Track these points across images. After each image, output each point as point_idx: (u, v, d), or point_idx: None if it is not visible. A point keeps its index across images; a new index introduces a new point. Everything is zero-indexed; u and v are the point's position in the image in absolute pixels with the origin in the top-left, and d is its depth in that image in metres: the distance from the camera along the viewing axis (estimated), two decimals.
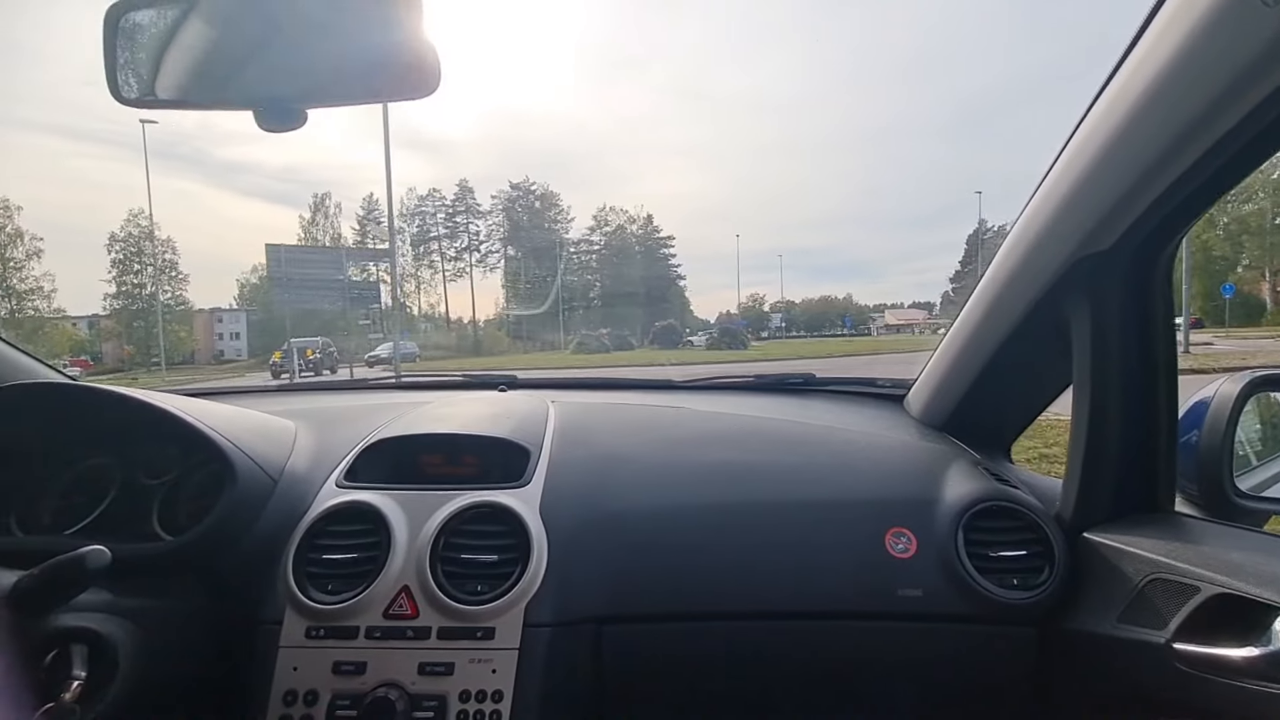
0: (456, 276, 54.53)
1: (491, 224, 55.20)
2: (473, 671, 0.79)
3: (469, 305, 55.84)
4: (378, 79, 0.62)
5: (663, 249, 59.88)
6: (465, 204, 54.42)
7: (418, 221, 53.47)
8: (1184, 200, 0.71)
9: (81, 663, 0.66)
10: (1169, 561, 0.73)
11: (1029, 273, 0.88)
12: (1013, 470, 1.10)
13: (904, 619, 0.88)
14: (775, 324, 64.53)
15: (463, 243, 54.94)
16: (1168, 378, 0.84)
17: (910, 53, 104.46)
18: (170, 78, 0.65)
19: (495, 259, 55.64)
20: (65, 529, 0.91)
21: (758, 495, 0.98)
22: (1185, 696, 0.67)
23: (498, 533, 0.88)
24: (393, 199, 11.10)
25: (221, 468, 0.87)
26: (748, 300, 70.52)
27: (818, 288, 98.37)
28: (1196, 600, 0.68)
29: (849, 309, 76.72)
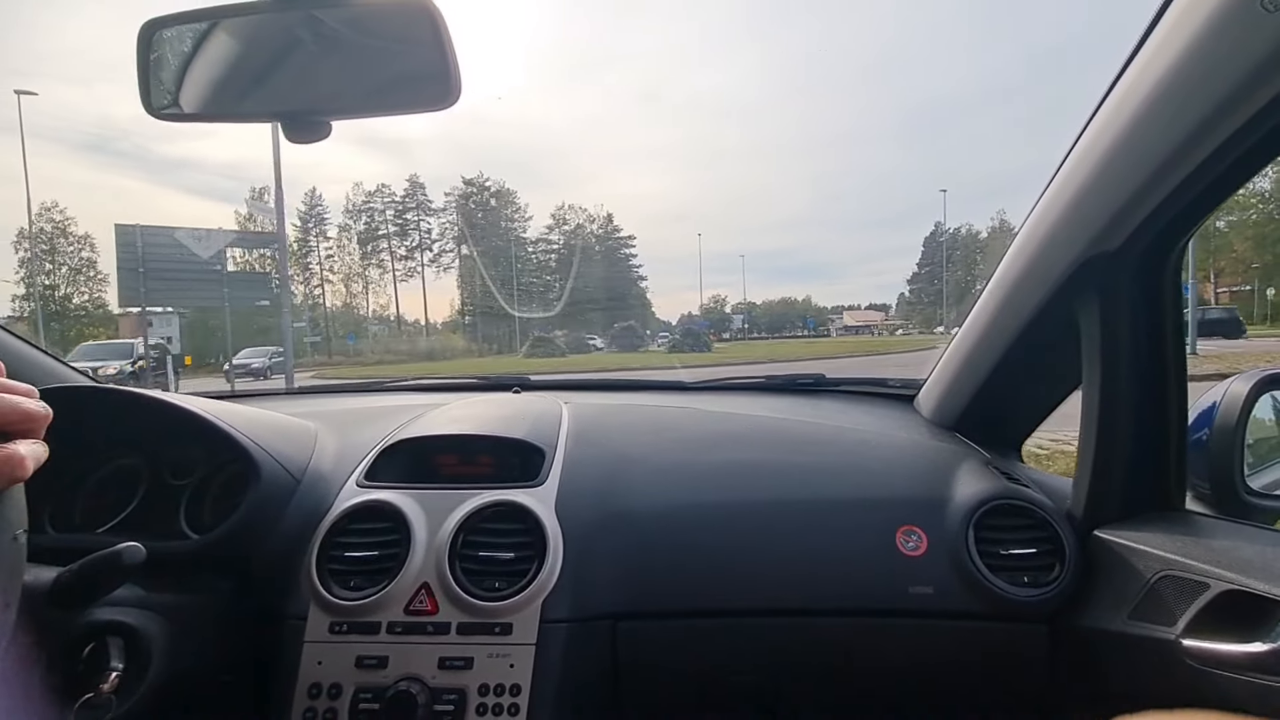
0: (408, 276, 52.17)
1: (445, 222, 53.02)
2: (491, 666, 0.81)
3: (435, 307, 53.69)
4: (401, 92, 0.64)
5: (624, 249, 58.57)
6: (416, 200, 52.01)
7: (365, 219, 50.95)
8: (1193, 200, 0.72)
9: (118, 655, 0.69)
10: (1179, 559, 0.73)
11: (1038, 273, 0.88)
12: (1023, 469, 1.10)
13: (915, 616, 0.88)
14: (737, 325, 64.16)
15: (414, 241, 52.55)
16: (1178, 376, 0.84)
17: (870, 58, 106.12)
18: (199, 92, 0.68)
19: (450, 258, 53.46)
20: (96, 527, 0.93)
21: (770, 494, 0.99)
22: (1194, 692, 0.67)
23: (514, 531, 0.89)
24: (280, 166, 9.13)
25: (246, 468, 0.90)
26: (709, 301, 70.23)
27: (778, 289, 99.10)
28: (1206, 597, 0.69)
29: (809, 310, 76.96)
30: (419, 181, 51.94)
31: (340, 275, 48.20)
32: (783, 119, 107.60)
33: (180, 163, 76.86)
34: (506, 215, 53.61)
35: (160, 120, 0.68)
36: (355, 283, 48.61)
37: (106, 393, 0.96)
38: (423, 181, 52.07)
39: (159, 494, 0.97)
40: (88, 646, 0.69)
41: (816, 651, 0.91)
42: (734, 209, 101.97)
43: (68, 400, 0.91)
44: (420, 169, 53.46)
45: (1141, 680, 0.75)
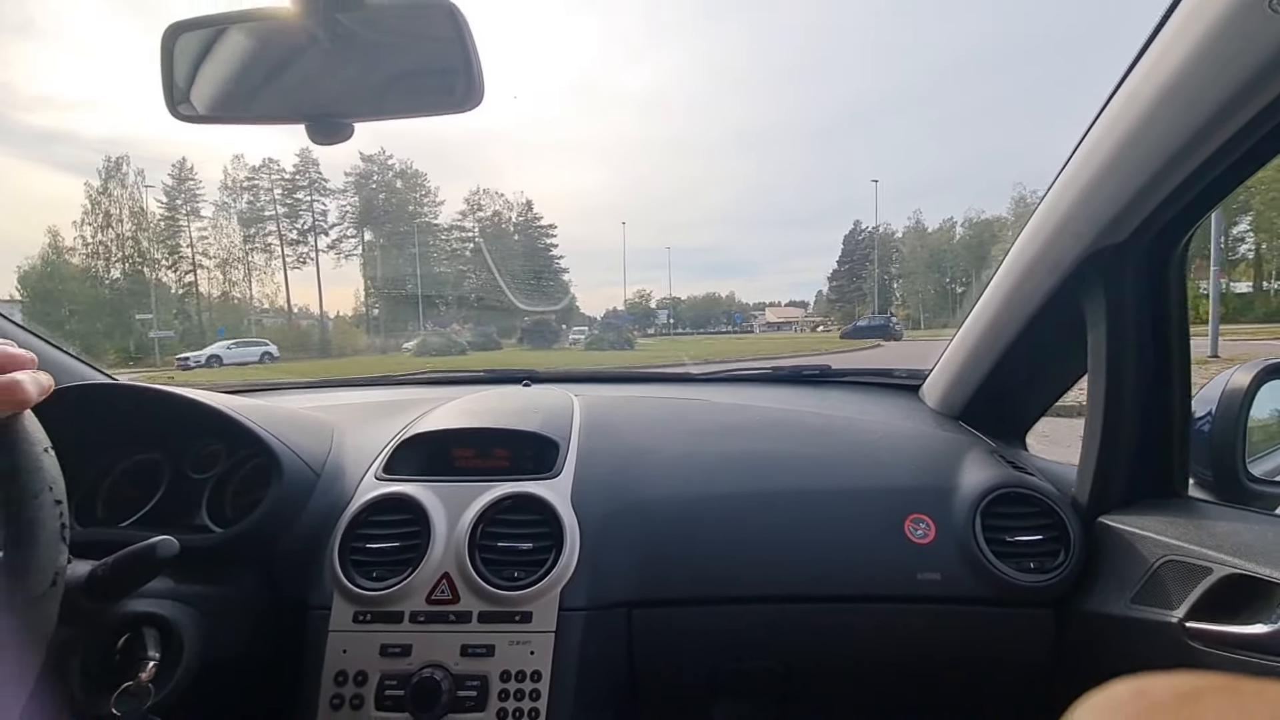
0: (300, 263, 46.61)
1: (346, 205, 47.85)
2: (512, 653, 0.83)
3: (338, 297, 48.24)
4: (423, 93, 0.65)
5: (544, 238, 55.14)
6: (308, 178, 45.60)
7: (248, 197, 44.41)
8: (1200, 193, 0.73)
9: (155, 645, 0.71)
10: (1182, 544, 0.75)
11: (1046, 264, 0.90)
12: (1028, 457, 1.11)
13: (924, 601, 0.90)
14: (662, 320, 62.67)
15: (306, 223, 46.33)
16: (1181, 366, 0.85)
17: (789, 62, 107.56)
18: (222, 95, 0.68)
19: (353, 244, 48.35)
20: (119, 522, 0.95)
21: (780, 484, 1.00)
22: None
23: (531, 522, 0.91)
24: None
25: (268, 462, 0.91)
26: (635, 296, 68.51)
27: (703, 285, 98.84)
28: (1209, 581, 0.70)
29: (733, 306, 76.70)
30: (311, 157, 45.89)
31: (216, 260, 42.23)
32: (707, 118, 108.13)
33: (52, 135, 66.74)
34: (415, 199, 48.96)
35: (182, 122, 0.69)
36: (235, 269, 42.77)
37: (127, 389, 0.97)
38: (315, 157, 46.49)
39: (181, 488, 0.98)
40: (123, 637, 0.71)
41: (827, 637, 0.93)
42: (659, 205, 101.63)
43: (87, 397, 0.92)
44: (319, 150, 48.61)
45: (1145, 662, 0.76)
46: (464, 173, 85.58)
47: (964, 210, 79.13)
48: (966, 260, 54.76)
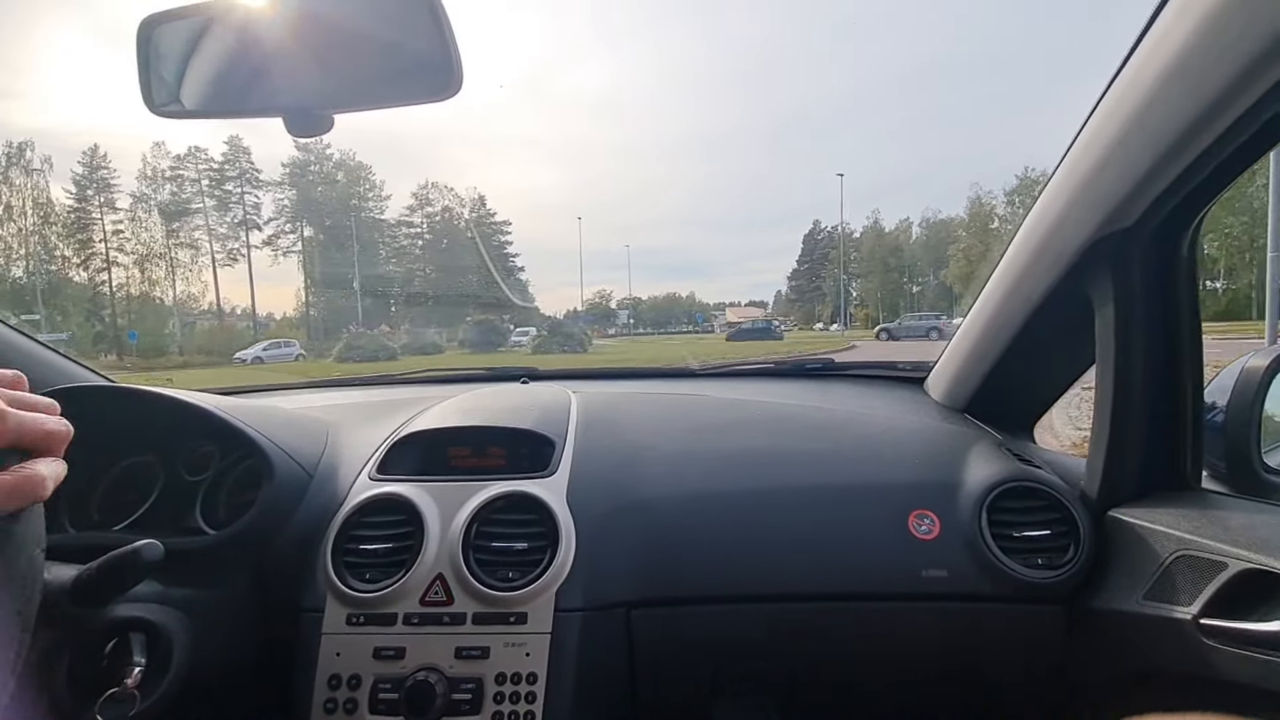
0: (231, 260, 43.33)
1: (283, 197, 44.78)
2: (507, 655, 0.81)
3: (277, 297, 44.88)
4: (402, 83, 0.64)
5: (498, 235, 53.14)
6: (239, 168, 42.44)
7: (171, 188, 40.56)
8: (1209, 175, 0.70)
9: (141, 650, 0.70)
10: (1195, 538, 0.73)
11: (1050, 252, 0.87)
12: (1036, 450, 1.09)
13: (929, 599, 0.88)
14: (622, 320, 61.46)
15: (236, 217, 43.08)
16: (1193, 354, 0.83)
17: (747, 66, 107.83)
18: (199, 88, 0.67)
19: (292, 240, 45.24)
20: (113, 524, 0.94)
21: (781, 481, 0.98)
22: (1212, 671, 0.67)
23: (526, 521, 0.89)
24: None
25: (260, 463, 0.90)
26: (595, 296, 67.17)
27: (663, 285, 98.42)
28: (1224, 576, 0.68)
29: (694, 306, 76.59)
30: (241, 145, 42.66)
31: (134, 256, 38.57)
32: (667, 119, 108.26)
33: None
34: (359, 193, 46.21)
35: (162, 118, 0.68)
36: (155, 265, 39.13)
37: (120, 391, 0.96)
38: (247, 146, 43.20)
39: (174, 490, 0.97)
40: (110, 643, 0.70)
41: (831, 636, 0.91)
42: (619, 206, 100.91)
43: (82, 399, 0.89)
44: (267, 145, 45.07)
45: (1158, 660, 0.74)
46: (414, 167, 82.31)
47: (920, 210, 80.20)
48: (923, 260, 55.22)
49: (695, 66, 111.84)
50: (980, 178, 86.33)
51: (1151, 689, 0.77)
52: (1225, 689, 0.66)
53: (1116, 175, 0.73)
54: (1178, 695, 0.74)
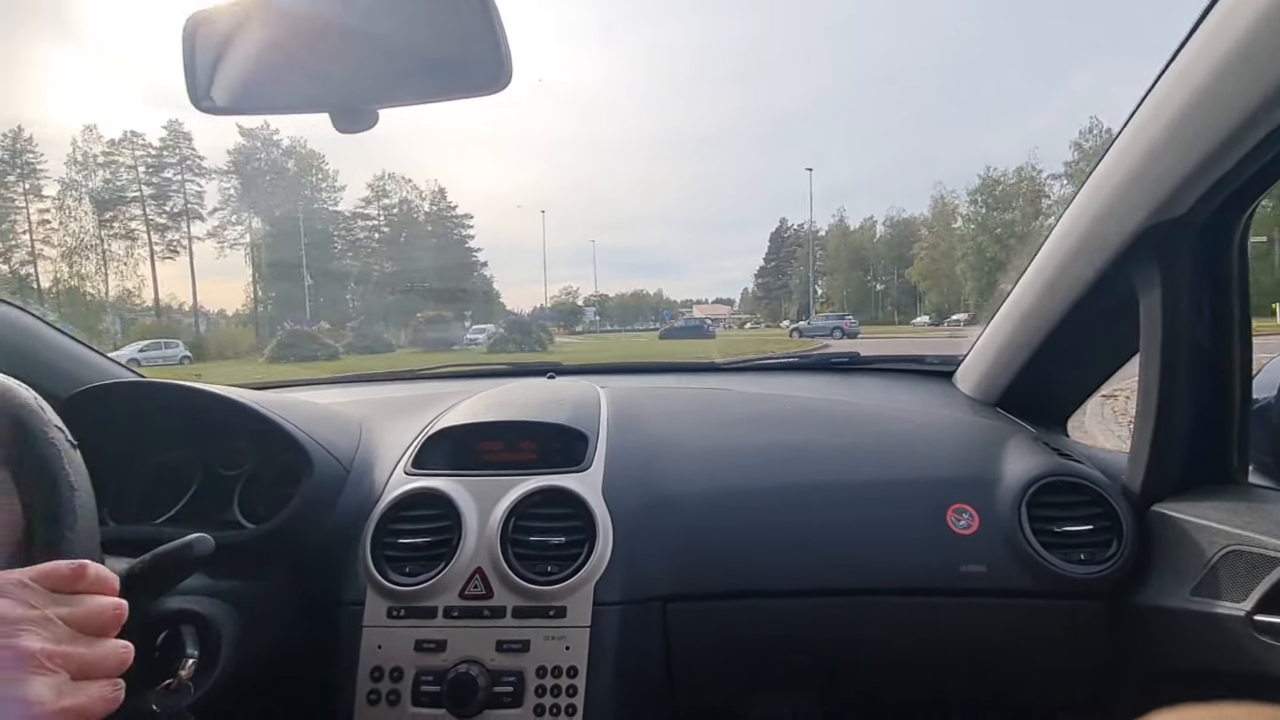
0: (172, 253, 40.74)
1: (229, 186, 42.28)
2: (548, 648, 0.82)
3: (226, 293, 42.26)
4: (450, 76, 0.63)
5: (459, 229, 51.19)
6: (178, 154, 39.12)
7: (104, 174, 37.20)
8: (1265, 165, 0.69)
9: (193, 642, 0.71)
10: (1245, 533, 0.71)
11: (1096, 242, 0.86)
12: (1072, 444, 1.08)
13: (968, 594, 0.87)
14: (589, 318, 60.62)
15: (176, 206, 39.84)
16: (1242, 345, 0.81)
17: (722, 65, 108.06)
18: (244, 85, 0.67)
19: (240, 232, 42.81)
20: (153, 518, 0.95)
21: (814, 476, 0.98)
22: (1266, 668, 0.66)
23: (563, 515, 0.89)
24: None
25: (297, 458, 0.90)
26: (561, 293, 66.13)
27: (631, 283, 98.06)
28: (1278, 572, 0.66)
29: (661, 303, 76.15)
30: (182, 130, 39.72)
31: (61, 248, 35.77)
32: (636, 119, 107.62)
33: None
34: (311, 183, 44.04)
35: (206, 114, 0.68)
36: (85, 258, 36.40)
37: (156, 386, 0.96)
38: (188, 130, 40.40)
39: (212, 485, 0.98)
40: (161, 635, 0.70)
41: (868, 631, 0.90)
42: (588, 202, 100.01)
43: (117, 396, 0.91)
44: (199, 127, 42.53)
45: (1206, 657, 0.73)
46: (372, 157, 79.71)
47: (885, 209, 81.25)
48: (887, 258, 55.67)
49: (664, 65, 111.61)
50: (944, 177, 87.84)
51: (1199, 686, 0.75)
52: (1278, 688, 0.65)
53: (1169, 164, 0.72)
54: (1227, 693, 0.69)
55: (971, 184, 45.97)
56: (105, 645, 0.45)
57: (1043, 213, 40.91)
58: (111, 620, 0.46)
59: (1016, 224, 41.17)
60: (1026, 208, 41.38)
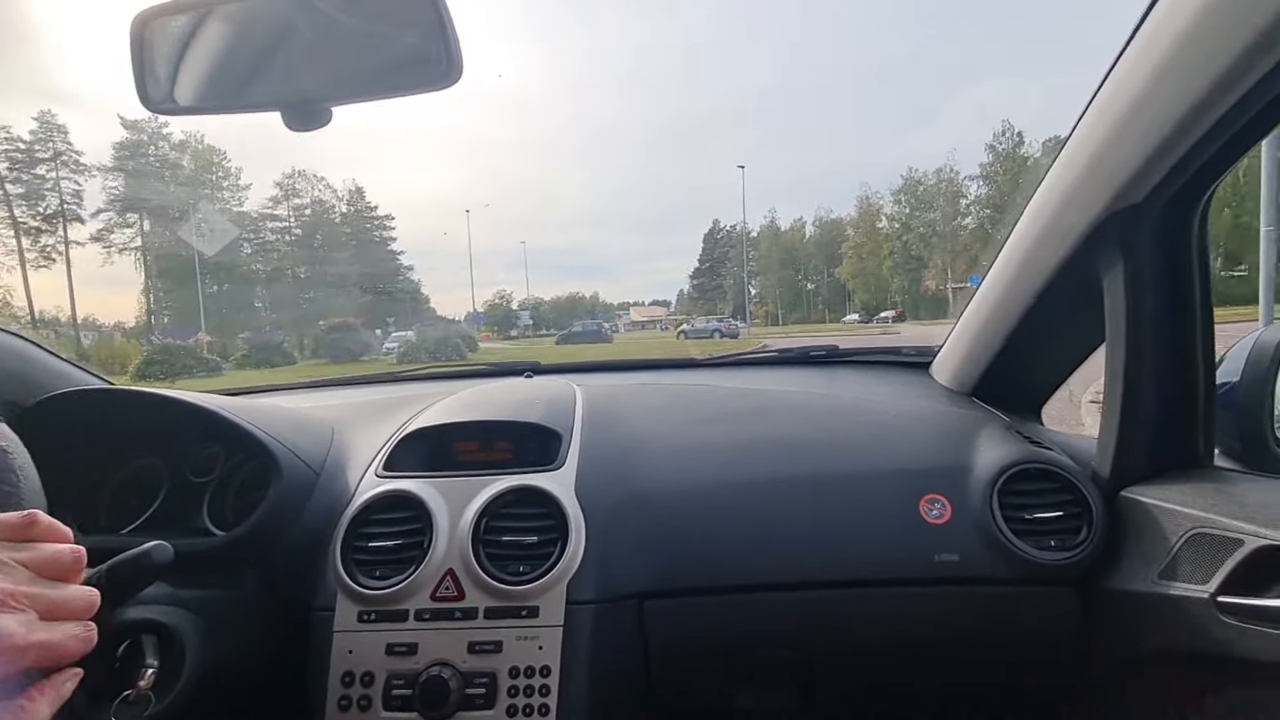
0: (47, 260, 36.42)
1: (115, 185, 38.25)
2: (521, 649, 0.81)
3: (121, 304, 37.80)
4: (401, 73, 0.63)
5: (380, 230, 48.36)
6: (52, 148, 35.36)
7: None
8: (1220, 149, 0.70)
9: (153, 652, 0.70)
10: (1210, 516, 0.72)
11: (1059, 231, 0.87)
12: (1044, 432, 1.09)
13: (942, 584, 0.88)
14: (524, 322, 58.96)
15: (50, 207, 35.89)
16: (1205, 330, 0.82)
17: (657, 66, 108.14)
18: (196, 84, 0.66)
19: (130, 234, 38.77)
20: (121, 528, 0.93)
21: (790, 470, 0.97)
22: (1229, 649, 0.67)
23: (536, 515, 0.89)
24: None
25: (266, 463, 0.89)
26: (494, 297, 64.16)
27: (566, 286, 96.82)
28: (1241, 554, 0.67)
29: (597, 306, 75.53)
30: (55, 123, 35.97)
31: None
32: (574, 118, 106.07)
33: None
34: (210, 180, 40.46)
35: (158, 114, 0.68)
36: None
37: (122, 394, 0.95)
38: (62, 123, 36.34)
39: (181, 492, 0.97)
40: (122, 645, 0.70)
41: (844, 623, 0.91)
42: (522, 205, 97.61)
43: (83, 403, 0.90)
44: (66, 115, 37.88)
45: (1174, 639, 0.74)
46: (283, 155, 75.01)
47: (814, 210, 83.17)
48: (817, 258, 56.79)
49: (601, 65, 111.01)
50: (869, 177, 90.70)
51: (1167, 668, 0.77)
52: (1243, 667, 0.66)
53: (1125, 152, 0.73)
54: (1193, 674, 0.74)
55: (895, 184, 47.27)
56: (69, 588, 0.46)
57: (961, 212, 42.46)
58: (71, 564, 0.46)
59: (938, 223, 42.57)
60: (946, 207, 42.97)
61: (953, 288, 41.22)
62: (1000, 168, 40.48)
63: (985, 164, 41.50)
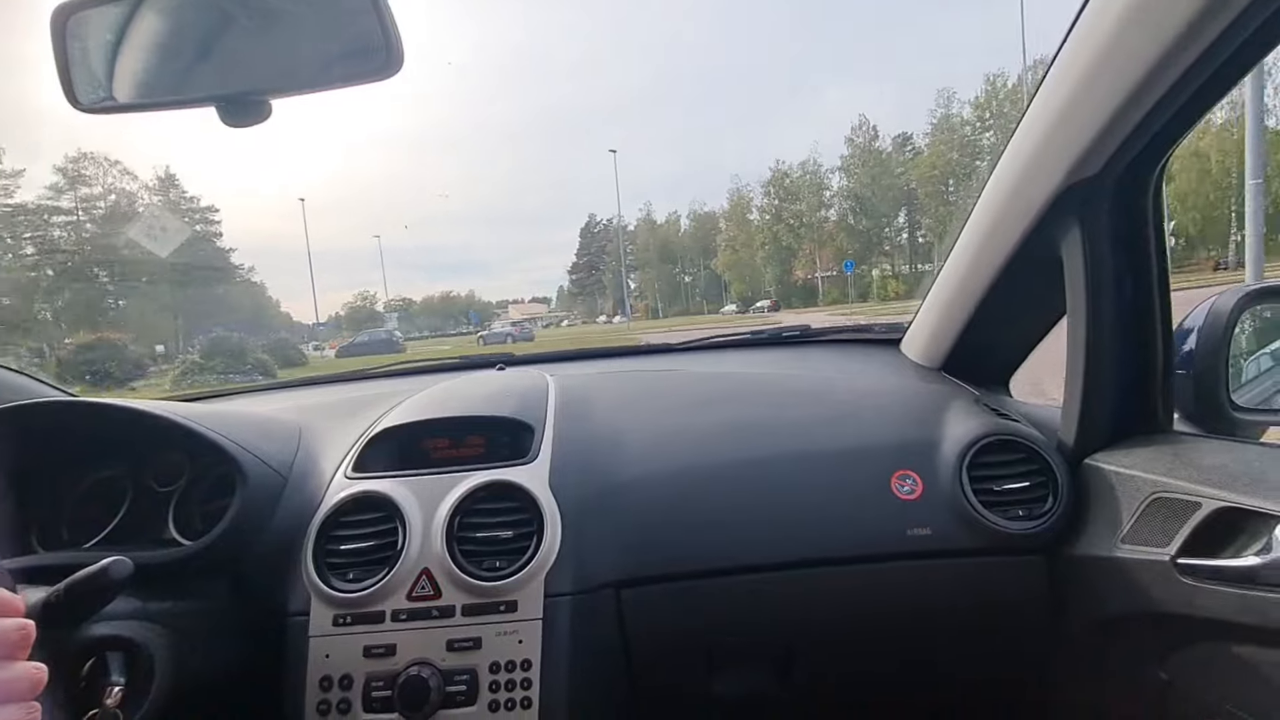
0: None
1: None
2: (500, 644, 0.81)
3: None
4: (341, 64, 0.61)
5: (202, 224, 41.79)
6: None
7: None
8: (1171, 118, 0.71)
9: (119, 669, 0.68)
10: (1169, 480, 0.74)
11: (1018, 205, 0.87)
12: (1012, 403, 1.10)
13: (915, 558, 0.89)
14: (391, 325, 54.15)
15: None
16: (1162, 299, 0.83)
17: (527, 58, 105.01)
18: (128, 79, 0.63)
19: None
20: (84, 542, 0.91)
21: (763, 451, 0.98)
22: (1190, 609, 0.69)
23: (510, 509, 0.88)
24: None
25: (231, 470, 0.87)
26: (355, 299, 58.58)
27: (439, 285, 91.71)
28: (1198, 516, 0.69)
29: (472, 304, 72.26)
30: None
31: None
32: (444, 111, 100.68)
33: None
34: None
35: (90, 114, 0.63)
36: None
37: (80, 405, 0.93)
38: None
39: (146, 502, 0.95)
40: (87, 663, 0.67)
41: (821, 602, 0.91)
42: (387, 201, 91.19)
43: (40, 415, 0.87)
44: None
45: (1138, 602, 0.76)
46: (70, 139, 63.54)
47: (688, 203, 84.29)
48: (693, 250, 56.99)
49: (481, 58, 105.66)
50: (740, 171, 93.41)
51: (1132, 629, 0.79)
52: (1203, 626, 0.68)
53: (1079, 125, 0.73)
54: (1157, 634, 0.76)
55: (764, 177, 48.18)
56: (15, 668, 0.43)
57: (825, 204, 43.86)
58: (18, 641, 0.44)
59: (805, 214, 43.80)
60: (811, 198, 44.24)
61: (821, 276, 42.72)
62: (857, 160, 42.29)
63: (845, 156, 43.21)
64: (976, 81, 48.55)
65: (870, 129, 42.42)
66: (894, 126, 46.22)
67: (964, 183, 37.82)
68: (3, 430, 0.84)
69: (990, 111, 38.11)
